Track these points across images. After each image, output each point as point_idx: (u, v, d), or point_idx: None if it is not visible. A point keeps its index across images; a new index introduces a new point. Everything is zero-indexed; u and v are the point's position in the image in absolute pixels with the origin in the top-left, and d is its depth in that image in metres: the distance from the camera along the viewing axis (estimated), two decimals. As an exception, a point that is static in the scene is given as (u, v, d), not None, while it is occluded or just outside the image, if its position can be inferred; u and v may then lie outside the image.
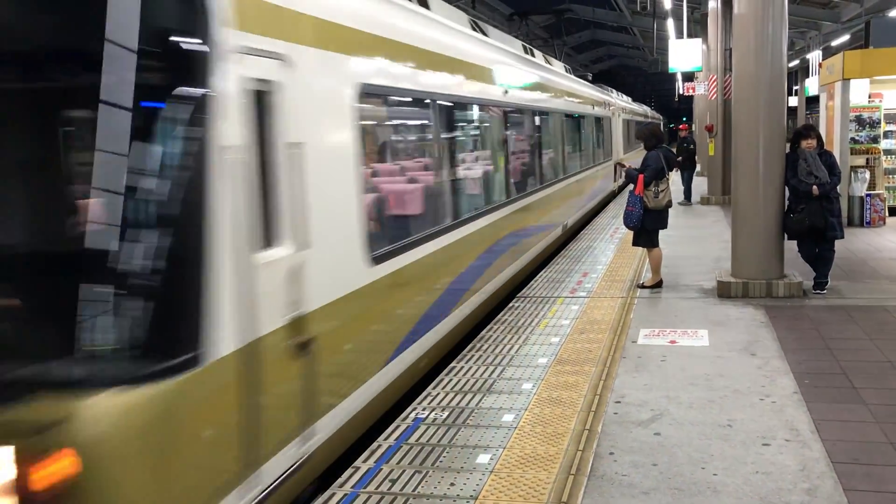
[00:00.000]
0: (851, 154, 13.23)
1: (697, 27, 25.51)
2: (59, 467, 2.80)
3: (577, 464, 4.32)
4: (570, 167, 14.46)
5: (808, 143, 8.13)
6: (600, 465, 4.32)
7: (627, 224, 8.76)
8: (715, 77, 19.04)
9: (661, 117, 58.66)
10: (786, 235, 8.33)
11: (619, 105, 25.76)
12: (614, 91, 29.08)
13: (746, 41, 8.24)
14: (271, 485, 3.76)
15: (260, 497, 3.65)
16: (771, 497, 3.88)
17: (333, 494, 4.07)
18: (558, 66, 16.48)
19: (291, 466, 3.96)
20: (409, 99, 6.40)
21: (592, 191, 17.65)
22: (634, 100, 46.79)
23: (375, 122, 5.88)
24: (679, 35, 24.26)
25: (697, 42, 21.34)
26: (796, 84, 42.95)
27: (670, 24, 25.58)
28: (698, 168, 27.57)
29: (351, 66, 4.96)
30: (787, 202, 8.32)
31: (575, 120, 15.62)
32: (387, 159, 6.26)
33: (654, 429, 4.81)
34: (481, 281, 7.79)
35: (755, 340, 6.65)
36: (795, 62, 38.63)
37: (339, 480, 4.24)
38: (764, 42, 8.09)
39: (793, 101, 40.36)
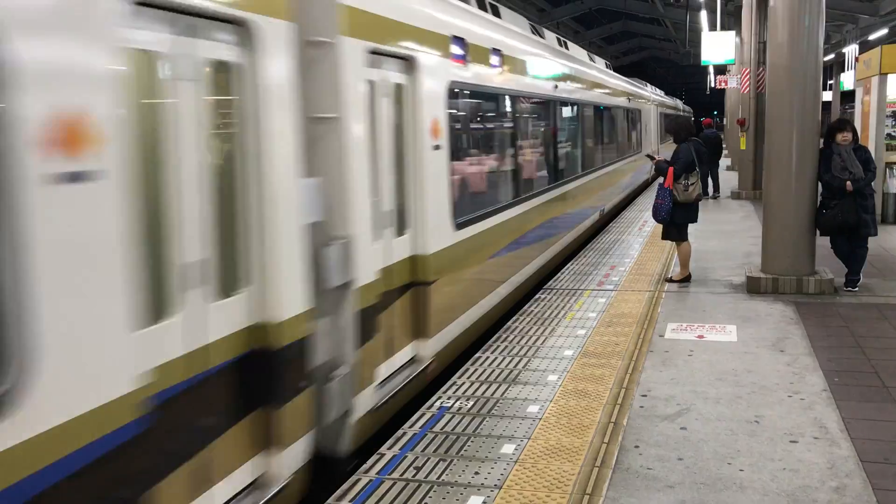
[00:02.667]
0: (887, 150, 13.00)
1: (731, 19, 25.16)
2: None
3: (602, 456, 4.32)
4: None
5: (844, 136, 8.01)
6: (625, 458, 4.30)
7: (656, 217, 8.69)
8: (748, 70, 18.77)
9: (682, 106, 46.94)
10: (818, 231, 8.23)
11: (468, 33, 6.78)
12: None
13: (782, 34, 8.11)
14: None
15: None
16: (798, 494, 3.85)
17: (358, 480, 4.10)
18: None
19: None
20: None
21: None
22: (660, 92, 31.38)
23: None
24: (712, 27, 23.96)
25: (731, 35, 21.05)
26: (831, 78, 42.26)
27: (703, 15, 25.27)
28: (729, 162, 27.31)
29: None
30: (819, 198, 8.21)
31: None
32: None
33: (680, 423, 4.79)
34: None
35: (784, 337, 6.57)
36: (831, 56, 38.00)
37: (364, 466, 4.27)
38: (800, 35, 7.96)
39: (827, 96, 39.71)
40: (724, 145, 24.92)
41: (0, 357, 2.36)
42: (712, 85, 35.96)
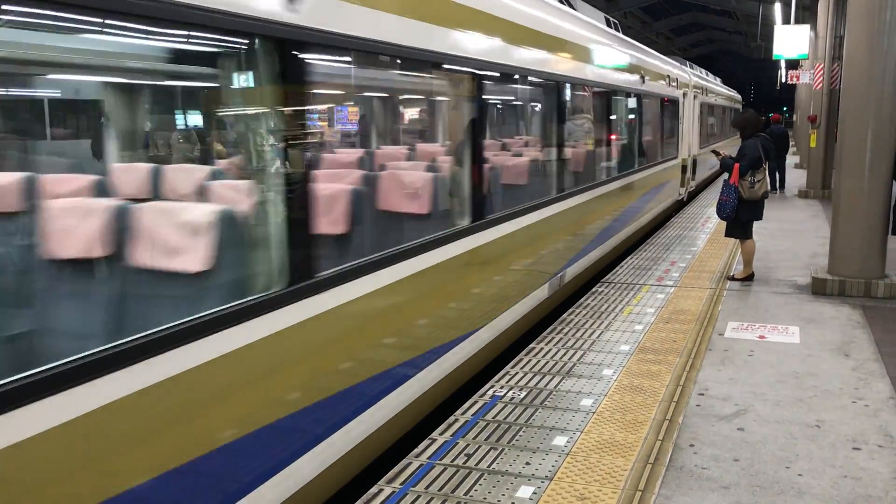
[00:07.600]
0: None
1: (806, 13, 24.41)
2: None
3: (655, 453, 4.26)
4: None
5: None
6: (680, 457, 4.24)
7: (721, 214, 8.49)
8: (822, 65, 18.21)
9: (718, 88, 28.42)
10: (890, 230, 7.95)
11: None
12: None
13: (860, 28, 7.82)
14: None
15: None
16: (860, 503, 3.74)
17: (410, 464, 4.13)
18: None
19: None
20: None
21: None
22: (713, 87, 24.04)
23: None
24: (786, 20, 23.29)
25: (805, 28, 20.41)
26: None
27: (777, 8, 24.57)
28: (797, 160, 26.54)
29: None
30: (894, 199, 7.93)
31: None
32: None
33: (737, 424, 4.69)
34: None
35: (850, 341, 6.38)
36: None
37: (416, 451, 4.30)
38: (879, 30, 7.66)
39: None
40: (791, 142, 24.20)
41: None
42: (783, 80, 35.00)
